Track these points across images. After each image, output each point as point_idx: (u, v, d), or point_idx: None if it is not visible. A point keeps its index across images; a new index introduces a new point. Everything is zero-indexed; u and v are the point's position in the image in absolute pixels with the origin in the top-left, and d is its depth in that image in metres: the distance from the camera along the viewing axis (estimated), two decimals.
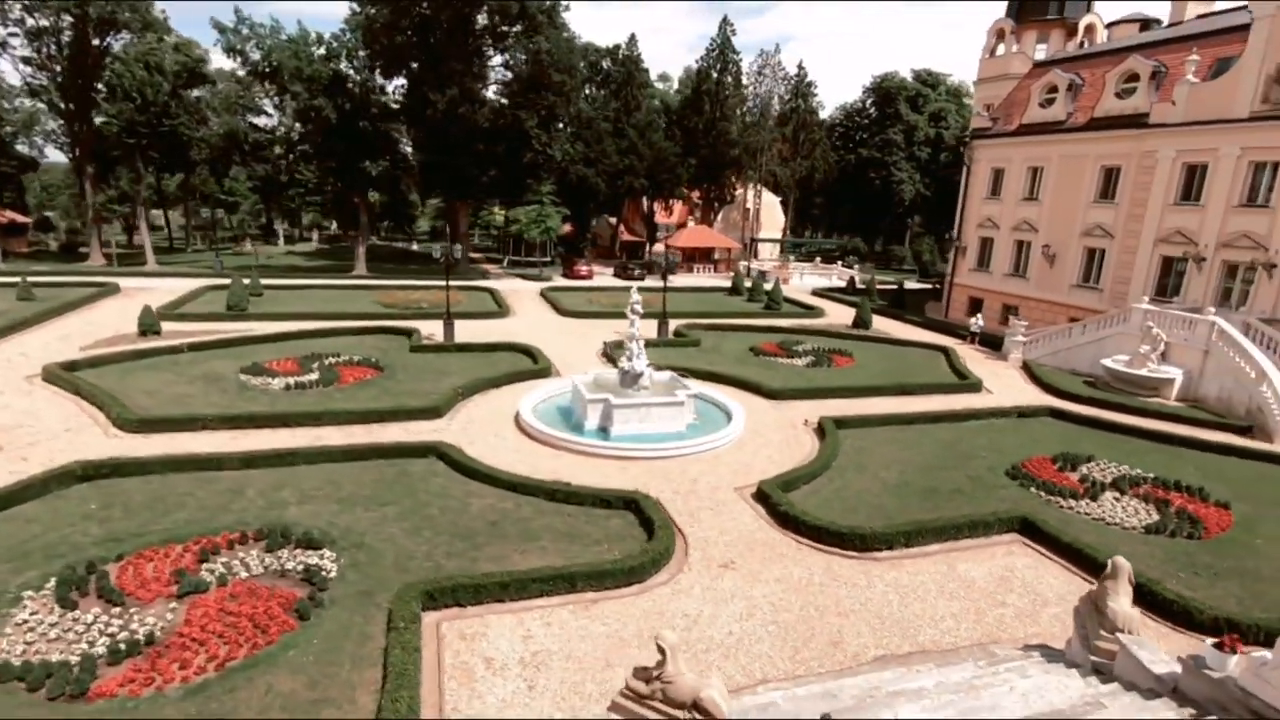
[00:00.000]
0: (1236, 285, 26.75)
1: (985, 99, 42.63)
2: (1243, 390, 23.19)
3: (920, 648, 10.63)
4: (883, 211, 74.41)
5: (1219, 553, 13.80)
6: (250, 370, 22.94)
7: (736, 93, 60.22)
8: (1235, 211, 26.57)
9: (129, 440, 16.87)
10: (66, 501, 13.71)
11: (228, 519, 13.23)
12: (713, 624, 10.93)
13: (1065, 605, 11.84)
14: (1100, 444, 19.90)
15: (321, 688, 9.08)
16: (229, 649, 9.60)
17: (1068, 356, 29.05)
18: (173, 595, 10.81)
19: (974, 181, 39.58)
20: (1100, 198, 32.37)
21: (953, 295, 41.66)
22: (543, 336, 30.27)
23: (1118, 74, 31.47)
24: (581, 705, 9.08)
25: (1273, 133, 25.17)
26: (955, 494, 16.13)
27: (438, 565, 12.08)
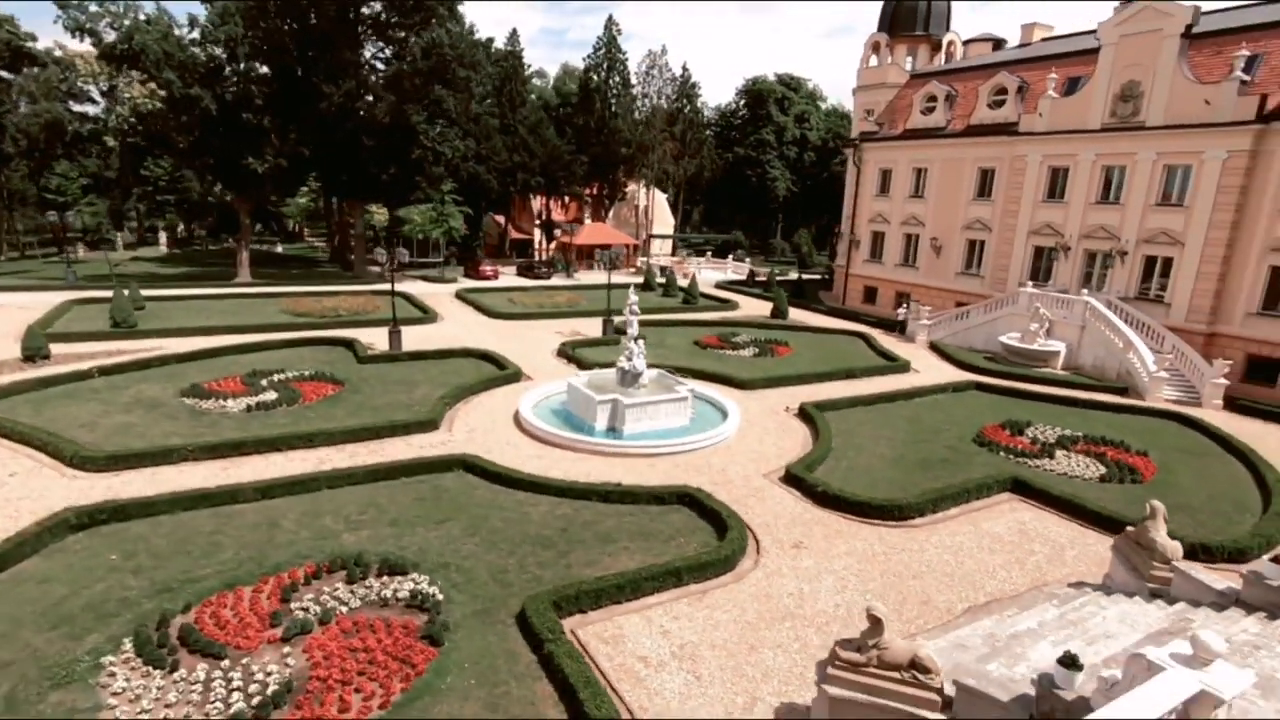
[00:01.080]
0: (1096, 270, 31.71)
1: (865, 104, 46.66)
2: (1113, 358, 27.71)
3: (991, 596, 12.21)
4: (759, 207, 78.87)
5: (1159, 493, 16.68)
6: (192, 393, 20.72)
7: (626, 92, 61.28)
8: (1093, 208, 31.48)
9: (98, 480, 14.90)
10: (75, 554, 12.03)
11: (282, 554, 12.27)
12: (817, 599, 11.85)
13: (1078, 548, 14.03)
14: (1026, 410, 23.04)
15: (503, 708, 8.97)
16: (382, 685, 9.16)
17: (966, 336, 32.97)
18: (278, 639, 10.04)
19: (864, 180, 43.38)
20: (978, 195, 36.87)
21: (848, 285, 45.45)
22: (486, 340, 29.61)
23: (989, 87, 35.96)
24: (751, 686, 9.65)
25: (1120, 141, 30.10)
26: (944, 463, 18.21)
27: (535, 576, 12.02)
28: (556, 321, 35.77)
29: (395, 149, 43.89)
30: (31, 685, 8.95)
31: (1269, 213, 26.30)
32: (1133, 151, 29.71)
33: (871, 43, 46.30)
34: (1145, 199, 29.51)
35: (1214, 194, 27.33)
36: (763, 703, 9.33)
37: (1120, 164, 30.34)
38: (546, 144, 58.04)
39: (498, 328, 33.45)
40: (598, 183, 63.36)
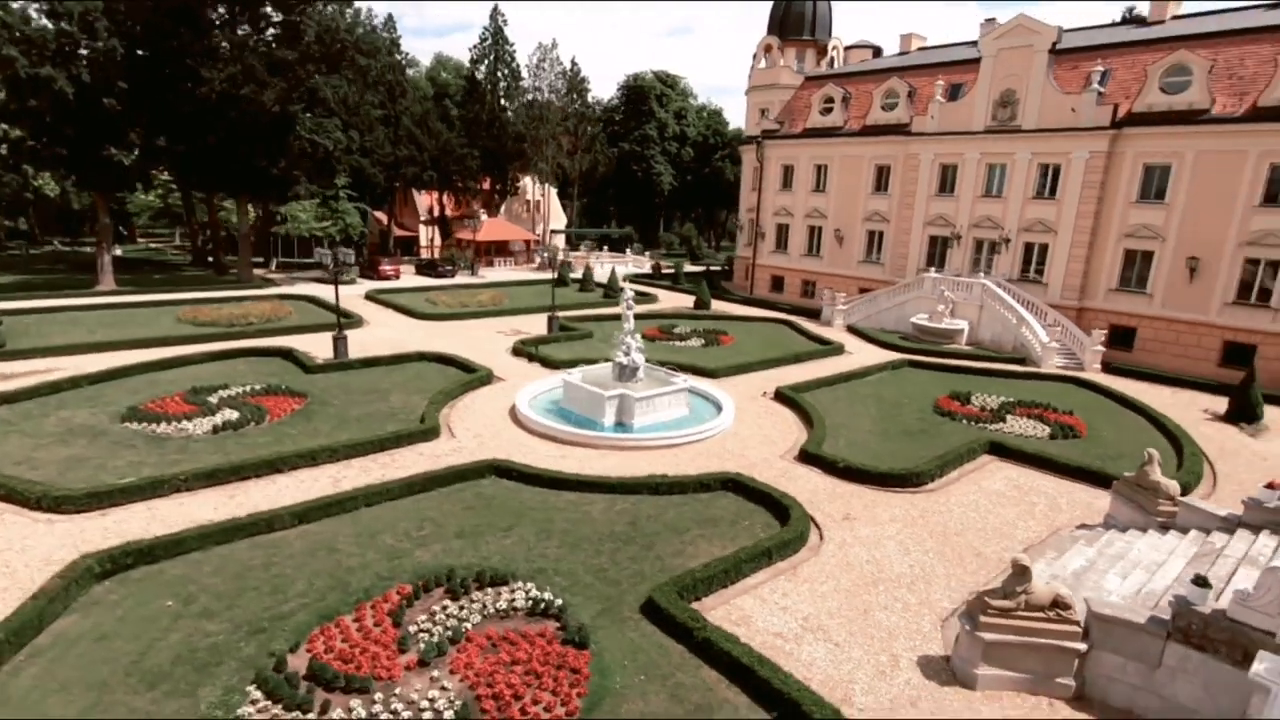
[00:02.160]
0: (984, 256, 35.87)
1: (759, 103, 49.19)
2: (1008, 333, 31.61)
3: (1024, 544, 13.90)
4: (644, 202, 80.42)
5: (1097, 447, 19.62)
6: (133, 417, 18.31)
7: (516, 85, 60.12)
8: (979, 201, 35.54)
9: (85, 522, 13.00)
10: (118, 606, 10.53)
11: (362, 578, 11.47)
12: (890, 563, 12.92)
13: (1066, 497, 16.20)
14: (960, 382, 25.83)
15: (686, 698, 9.16)
16: (555, 694, 9.00)
17: (877, 318, 36.05)
18: (415, 664, 9.50)
19: (768, 176, 45.81)
20: (876, 190, 40.27)
21: (756, 275, 47.85)
22: (429, 343, 28.30)
23: (881, 91, 39.34)
24: (884, 645, 10.47)
25: (1000, 142, 34.21)
26: (922, 433, 20.13)
27: (635, 571, 12.14)
28: (493, 320, 34.82)
29: (271, 140, 40.21)
30: None
31: (1122, 204, 31.14)
32: (1012, 151, 33.90)
33: (763, 45, 48.86)
34: (1023, 193, 33.81)
35: (1079, 188, 31.90)
36: (903, 658, 10.18)
37: (1001, 162, 34.49)
38: (437, 136, 55.72)
39: (433, 329, 32.01)
40: (489, 178, 61.71)
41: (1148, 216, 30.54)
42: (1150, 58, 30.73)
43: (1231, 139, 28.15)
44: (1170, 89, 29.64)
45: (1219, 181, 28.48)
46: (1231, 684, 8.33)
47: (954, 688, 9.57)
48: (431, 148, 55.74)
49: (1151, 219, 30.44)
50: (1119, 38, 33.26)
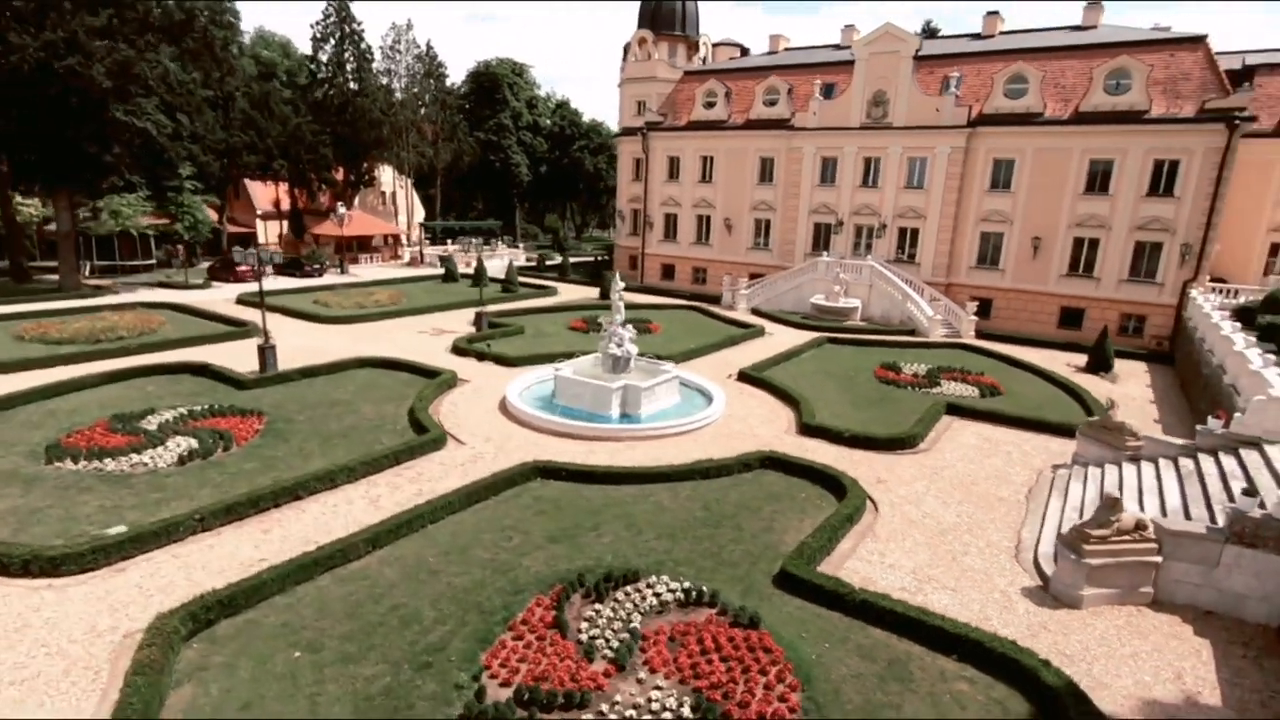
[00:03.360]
0: (863, 240, 39.73)
1: (636, 96, 50.06)
2: (895, 308, 35.47)
3: (1024, 486, 16.11)
4: (502, 193, 78.37)
5: (1019, 401, 22.90)
6: (62, 455, 15.23)
7: (368, 68, 55.74)
8: (858, 190, 39.26)
9: (96, 585, 10.84)
10: (224, 669, 9.07)
11: (487, 596, 10.82)
12: (941, 515, 14.43)
13: (1028, 445, 18.85)
14: (880, 354, 28.67)
15: (877, 658, 9.80)
16: (771, 675, 9.25)
17: (777, 301, 38.65)
18: (613, 670, 9.27)
19: (653, 167, 46.93)
20: (761, 180, 42.91)
21: (645, 264, 48.92)
22: (353, 347, 26.05)
23: (763, 88, 41.90)
24: (987, 581, 11.83)
25: (875, 138, 38.03)
26: (883, 400, 22.27)
27: (746, 551, 12.56)
28: (405, 321, 32.57)
29: (94, 123, 34.07)
30: None
31: (977, 193, 36.10)
32: (885, 146, 37.84)
33: (637, 39, 49.72)
34: (896, 183, 37.92)
35: (944, 179, 36.45)
36: (1009, 593, 11.59)
37: (876, 155, 38.37)
38: (284, 122, 50.33)
39: (348, 333, 29.33)
40: (342, 168, 56.86)
41: (998, 203, 35.70)
42: (994, 67, 35.81)
43: (1060, 138, 33.74)
44: (1012, 95, 34.79)
45: (1052, 173, 34.03)
46: (1277, 569, 10.61)
47: (1064, 610, 11.13)
48: (277, 134, 50.28)
49: (1001, 205, 35.63)
50: (968, 48, 38.34)
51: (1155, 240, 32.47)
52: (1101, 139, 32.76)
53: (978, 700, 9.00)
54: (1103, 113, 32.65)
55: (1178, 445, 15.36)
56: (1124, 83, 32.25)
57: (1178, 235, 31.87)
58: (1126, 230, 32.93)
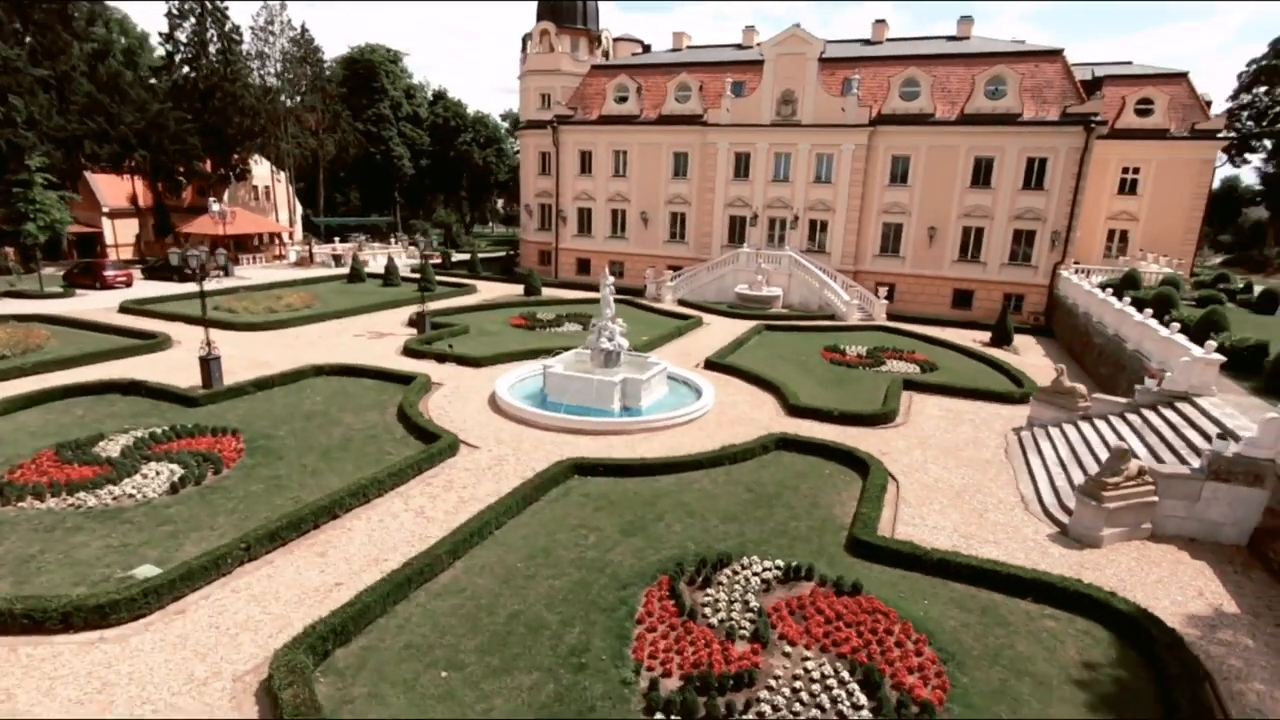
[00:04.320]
0: (777, 232, 41.89)
1: (539, 88, 49.40)
2: (814, 295, 37.84)
3: (999, 447, 18.08)
4: (386, 187, 74.24)
5: (953, 374, 25.38)
6: (19, 493, 13.15)
7: (235, 50, 50.71)
8: (771, 184, 41.31)
9: (164, 630, 9.68)
10: (381, 701, 8.46)
11: (595, 593, 10.81)
12: (949, 479, 15.91)
13: (984, 412, 21.07)
14: (816, 339, 30.59)
15: (970, 607, 10.85)
16: (897, 634, 10.01)
17: (701, 291, 39.90)
18: (758, 649, 9.63)
19: (564, 161, 46.62)
20: (676, 175, 43.96)
21: (560, 259, 48.55)
22: (296, 355, 24.15)
23: (675, 84, 42.88)
24: (1017, 535, 13.33)
25: (785, 135, 40.17)
26: (841, 381, 23.90)
27: (809, 525, 13.29)
28: (333, 324, 30.35)
29: None
30: None
31: (879, 187, 39.23)
32: (795, 142, 40.09)
33: (539, 31, 49.02)
34: (806, 178, 40.33)
35: (849, 174, 39.26)
36: (1039, 540, 13.14)
37: (787, 151, 40.56)
38: (143, 108, 44.82)
39: (272, 340, 26.92)
40: (211, 159, 51.51)
41: (898, 196, 39.01)
42: (890, 71, 38.98)
43: (949, 137, 37.44)
44: (906, 97, 38.09)
45: (944, 169, 37.72)
46: (1245, 498, 12.86)
47: (1088, 550, 12.80)
48: (132, 121, 44.70)
49: (900, 198, 38.97)
50: (865, 53, 41.37)
51: (1030, 228, 36.95)
52: (984, 138, 36.74)
53: (1069, 633, 10.26)
54: (984, 115, 36.61)
55: (1121, 403, 17.93)
56: (1001, 89, 36.33)
57: (1048, 223, 36.47)
58: (1006, 219, 37.21)
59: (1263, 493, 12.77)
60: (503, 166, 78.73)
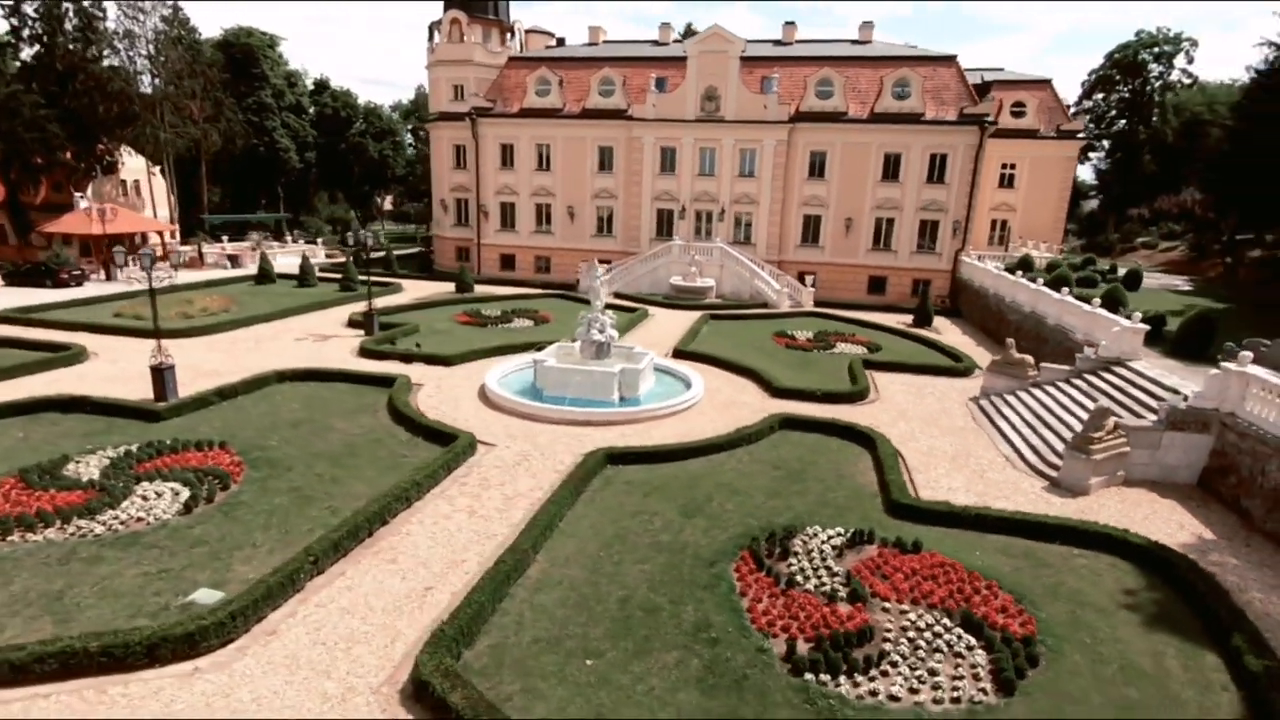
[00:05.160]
0: (703, 225, 43.10)
1: (451, 79, 47.76)
2: (745, 285, 39.40)
3: (967, 415, 19.95)
4: (269, 181, 68.88)
5: (895, 353, 27.49)
6: (6, 527, 11.55)
7: (99, 28, 45.23)
8: (697, 178, 42.42)
9: (265, 653, 9.03)
10: (539, 693, 8.40)
11: (687, 572, 11.08)
12: (942, 447, 17.37)
13: (942, 385, 23.06)
14: (763, 325, 31.97)
15: (1015, 554, 12.11)
16: (974, 580, 11.03)
17: (635, 284, 40.39)
18: (859, 607, 10.29)
19: (485, 154, 45.46)
20: (602, 169, 44.10)
21: (483, 254, 47.35)
22: (240, 361, 22.35)
23: (598, 79, 42.95)
24: (1020, 489, 14.92)
25: (709, 130, 41.38)
26: (805, 364, 25.22)
27: (844, 494, 14.15)
28: (264, 328, 28.10)
29: None
30: None
31: (799, 181, 41.37)
32: (719, 138, 41.40)
33: (449, 19, 47.35)
34: (731, 172, 41.78)
35: (771, 169, 41.10)
36: (1038, 491, 14.78)
37: (712, 146, 41.82)
38: None
39: (202, 347, 24.55)
40: (72, 149, 45.76)
41: (817, 190, 41.33)
42: (806, 71, 41.13)
43: (861, 134, 40.10)
44: (822, 96, 40.37)
45: (857, 164, 40.36)
46: (1195, 444, 15.10)
47: (1079, 498, 14.55)
48: None
49: (819, 192, 41.31)
50: (782, 53, 43.30)
51: (934, 219, 40.35)
52: (892, 136, 39.67)
53: (1100, 568, 11.73)
54: (892, 114, 39.52)
55: (1065, 370, 20.29)
56: (905, 90, 39.35)
57: (949, 214, 39.99)
58: (914, 211, 40.42)
59: (1209, 438, 15.05)
60: (399, 160, 75.18)
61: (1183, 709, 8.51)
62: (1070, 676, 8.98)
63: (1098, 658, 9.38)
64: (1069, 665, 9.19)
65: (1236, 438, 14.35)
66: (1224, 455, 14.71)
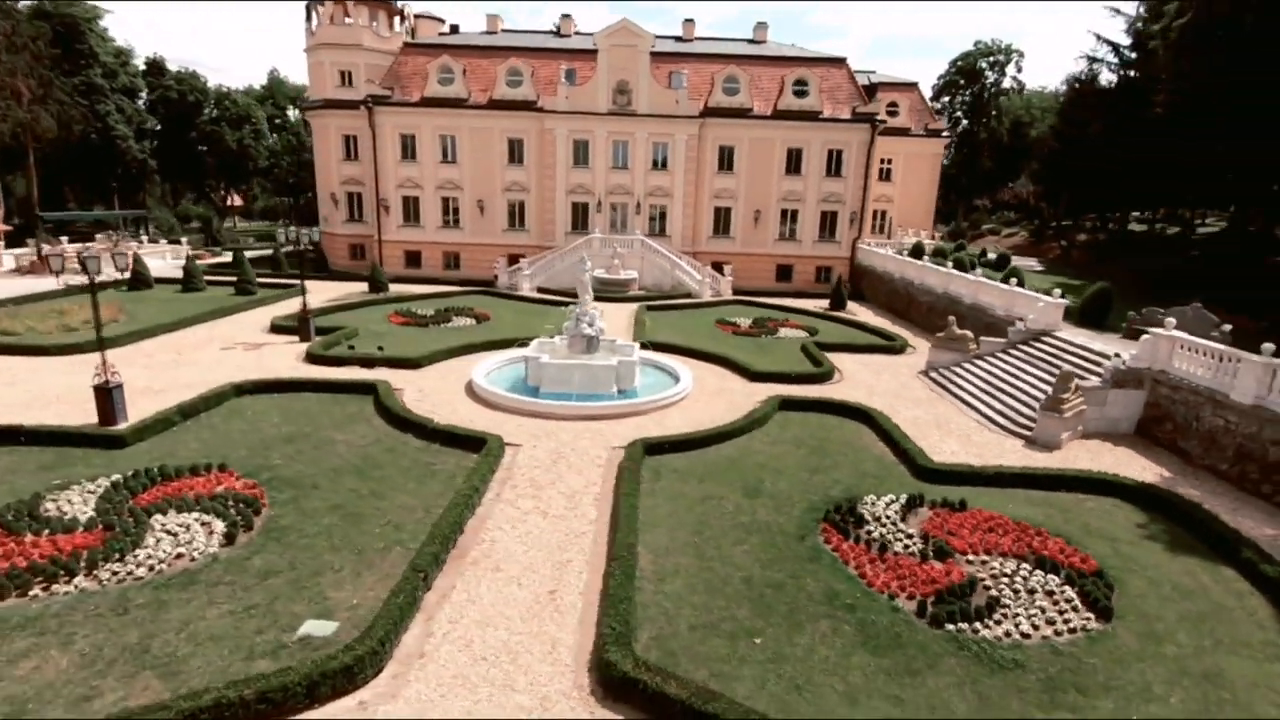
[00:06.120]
0: (619, 218, 43.41)
1: (337, 64, 44.43)
2: (666, 277, 40.32)
3: (924, 387, 21.98)
4: (103, 173, 60.36)
5: (829, 335, 29.49)
6: (21, 580, 9.84)
7: None
8: (611, 172, 42.62)
9: (421, 684, 8.50)
10: (725, 671, 8.55)
11: (783, 544, 11.62)
12: (919, 417, 19.09)
13: (885, 359, 25.12)
14: (690, 315, 32.90)
15: (1040, 502, 13.74)
16: (1030, 529, 12.44)
17: (557, 279, 40.01)
18: (944, 562, 11.33)
19: (383, 145, 42.81)
20: (512, 161, 43.07)
21: (384, 251, 44.62)
22: (174, 378, 19.97)
23: (505, 69, 41.82)
24: (1001, 446, 16.82)
25: (622, 124, 41.69)
26: (761, 349, 26.40)
27: (874, 464, 15.27)
28: (169, 338, 25.01)
29: None
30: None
31: (710, 174, 42.83)
32: (632, 131, 41.86)
33: None
34: (645, 166, 42.41)
35: (684, 163, 42.22)
36: (1017, 448, 16.75)
37: (625, 140, 42.18)
38: None
39: (122, 361, 21.42)
40: None
41: (727, 183, 43.01)
42: (713, 68, 42.55)
43: (766, 130, 42.21)
44: (729, 92, 42.00)
45: (763, 158, 42.47)
46: (1133, 398, 17.77)
47: (1054, 452, 16.67)
48: None
49: (729, 185, 43.02)
50: (690, 49, 44.38)
51: (833, 210, 43.38)
52: (794, 132, 42.11)
53: (1107, 508, 13.63)
54: (794, 111, 41.93)
55: (1001, 343, 22.87)
56: (804, 89, 41.88)
57: (847, 205, 43.17)
58: (815, 202, 43.21)
59: (1143, 393, 17.77)
60: (261, 150, 68.47)
61: (1232, 614, 10.26)
62: (1141, 599, 10.51)
63: (1151, 581, 11.02)
64: (1135, 589, 10.74)
65: (1169, 390, 17.08)
66: (1158, 406, 17.45)
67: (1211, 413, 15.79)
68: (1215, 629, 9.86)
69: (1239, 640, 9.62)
